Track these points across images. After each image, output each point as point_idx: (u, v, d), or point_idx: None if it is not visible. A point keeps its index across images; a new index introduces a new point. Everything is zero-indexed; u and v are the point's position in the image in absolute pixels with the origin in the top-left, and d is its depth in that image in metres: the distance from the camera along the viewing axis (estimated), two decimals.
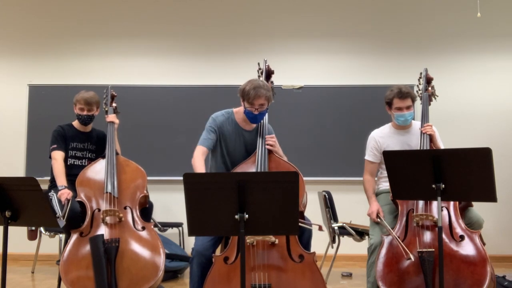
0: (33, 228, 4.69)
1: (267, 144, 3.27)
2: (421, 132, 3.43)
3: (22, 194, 2.73)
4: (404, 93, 3.46)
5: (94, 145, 4.02)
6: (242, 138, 3.37)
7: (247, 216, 2.35)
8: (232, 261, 2.92)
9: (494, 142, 5.17)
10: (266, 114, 3.39)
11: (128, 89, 5.78)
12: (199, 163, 3.19)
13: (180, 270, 4.88)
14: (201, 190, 2.40)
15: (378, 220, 3.33)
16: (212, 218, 2.43)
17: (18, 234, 3.96)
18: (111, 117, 3.93)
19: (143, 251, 3.34)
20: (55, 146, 3.87)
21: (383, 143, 3.57)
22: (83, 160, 3.96)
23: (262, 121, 3.38)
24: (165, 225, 5.41)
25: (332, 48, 6.05)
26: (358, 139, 5.67)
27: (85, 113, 3.91)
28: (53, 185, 3.87)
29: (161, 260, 3.31)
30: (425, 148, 3.36)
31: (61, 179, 3.71)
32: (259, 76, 3.58)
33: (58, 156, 3.83)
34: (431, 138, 3.42)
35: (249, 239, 2.89)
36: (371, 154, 3.62)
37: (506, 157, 5.67)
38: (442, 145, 3.50)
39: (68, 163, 3.89)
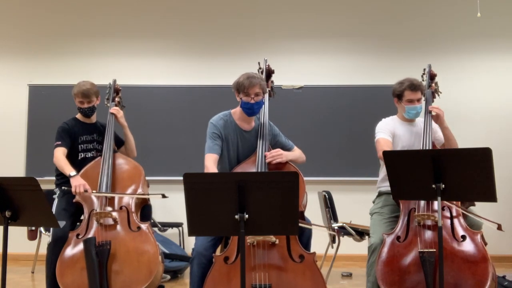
0: (33, 228, 4.70)
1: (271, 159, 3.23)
2: (425, 123, 3.41)
3: (22, 194, 2.73)
4: (416, 85, 3.44)
5: (100, 136, 3.85)
6: (243, 138, 3.34)
7: (247, 216, 2.35)
8: (232, 261, 2.92)
9: (494, 142, 5.15)
10: (267, 114, 3.39)
11: (128, 89, 5.72)
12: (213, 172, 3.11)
13: (180, 270, 4.88)
14: (201, 190, 2.40)
15: None
16: (212, 218, 2.43)
17: (18, 234, 3.95)
18: (113, 109, 3.82)
19: (136, 253, 3.27)
20: (58, 142, 3.69)
21: (395, 127, 3.51)
22: (93, 152, 3.82)
23: (261, 121, 3.37)
24: (165, 225, 5.41)
25: (332, 48, 6.05)
26: (358, 139, 5.70)
27: (85, 105, 3.75)
28: (60, 182, 3.72)
29: (156, 262, 3.23)
30: (428, 141, 3.34)
31: (68, 167, 3.53)
32: None
33: (59, 152, 3.64)
34: (438, 118, 3.41)
35: (249, 239, 2.89)
36: (387, 133, 3.45)
37: (506, 157, 5.66)
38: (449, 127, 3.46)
39: (80, 158, 3.75)
